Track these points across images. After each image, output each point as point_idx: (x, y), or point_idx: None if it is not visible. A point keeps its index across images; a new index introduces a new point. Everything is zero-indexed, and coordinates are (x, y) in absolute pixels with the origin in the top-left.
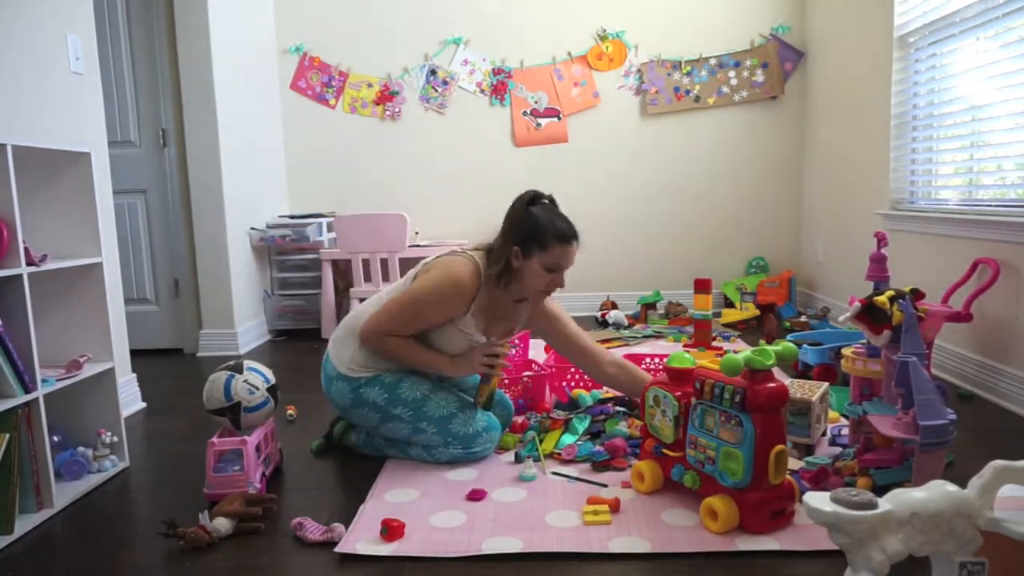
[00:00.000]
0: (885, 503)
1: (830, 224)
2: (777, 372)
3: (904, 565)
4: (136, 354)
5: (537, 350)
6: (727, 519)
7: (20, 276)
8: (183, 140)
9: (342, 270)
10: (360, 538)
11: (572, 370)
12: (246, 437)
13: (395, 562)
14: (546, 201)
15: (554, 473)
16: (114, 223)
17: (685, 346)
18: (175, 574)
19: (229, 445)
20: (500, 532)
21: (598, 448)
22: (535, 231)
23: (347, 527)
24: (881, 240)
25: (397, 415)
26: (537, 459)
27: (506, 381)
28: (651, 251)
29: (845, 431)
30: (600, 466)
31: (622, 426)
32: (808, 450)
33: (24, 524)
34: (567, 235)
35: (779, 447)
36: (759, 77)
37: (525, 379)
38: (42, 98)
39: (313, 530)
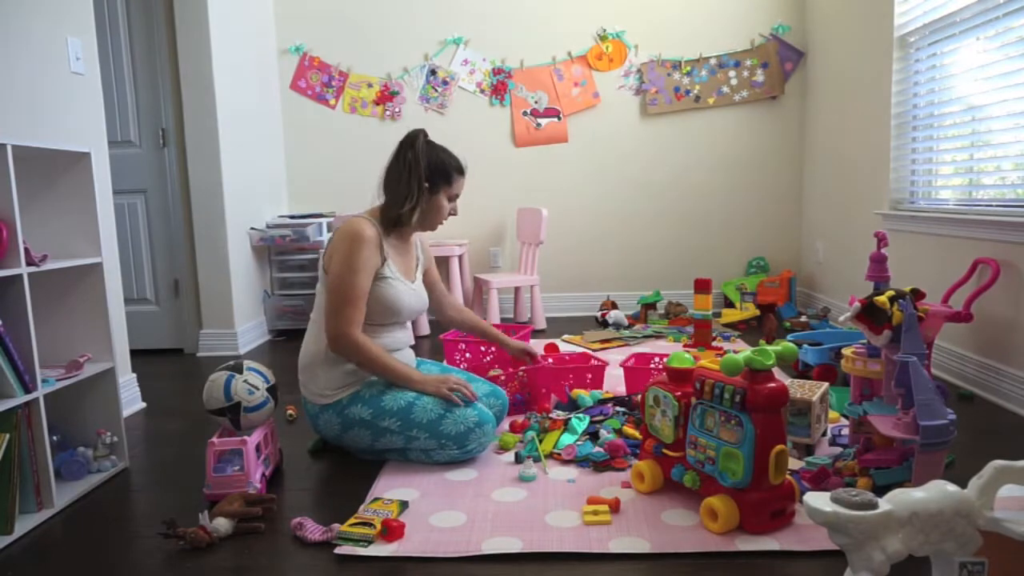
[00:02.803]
0: (885, 503)
1: (830, 224)
2: (777, 372)
3: (904, 565)
4: (136, 354)
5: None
6: (727, 519)
7: (20, 276)
8: (183, 140)
9: None
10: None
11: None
12: (246, 437)
13: (395, 562)
14: (427, 138)
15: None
16: (114, 223)
17: (685, 346)
18: (175, 574)
19: (229, 445)
20: (500, 532)
21: (598, 448)
22: (440, 167)
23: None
24: (881, 240)
25: (386, 427)
26: (537, 459)
27: (502, 377)
28: (651, 251)
29: (845, 431)
30: (600, 466)
31: (605, 433)
32: (808, 450)
33: (24, 524)
34: (463, 167)
35: (779, 447)
36: (759, 77)
37: (521, 374)
38: (42, 98)
39: (313, 530)
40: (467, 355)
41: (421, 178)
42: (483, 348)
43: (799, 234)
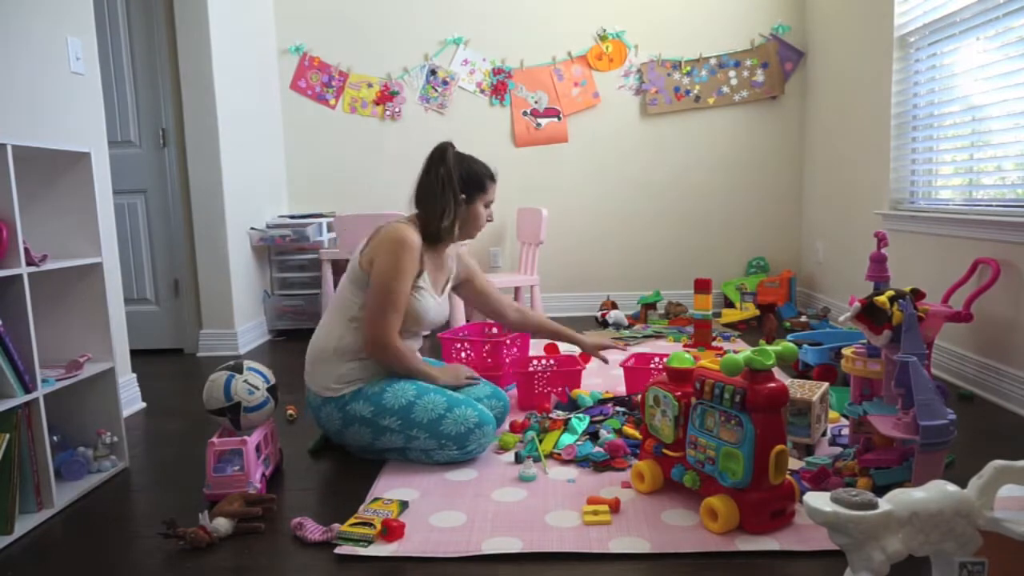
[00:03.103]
0: (885, 503)
1: (830, 224)
2: (777, 372)
3: (904, 565)
4: (136, 354)
5: (537, 349)
6: (727, 519)
7: (20, 276)
8: (183, 140)
9: (342, 270)
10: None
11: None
12: (246, 437)
13: (395, 562)
14: (455, 148)
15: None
16: (114, 223)
17: (685, 346)
18: (175, 574)
19: (229, 445)
20: (500, 532)
21: (598, 448)
22: (473, 177)
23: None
24: (881, 240)
25: (387, 426)
26: (537, 459)
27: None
28: (651, 251)
29: (845, 431)
30: (600, 466)
31: (605, 433)
32: (808, 450)
33: (24, 524)
34: (495, 174)
35: (779, 447)
36: (759, 77)
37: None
38: (42, 98)
39: (313, 530)
40: (471, 354)
41: (456, 191)
42: (485, 348)
43: (799, 234)
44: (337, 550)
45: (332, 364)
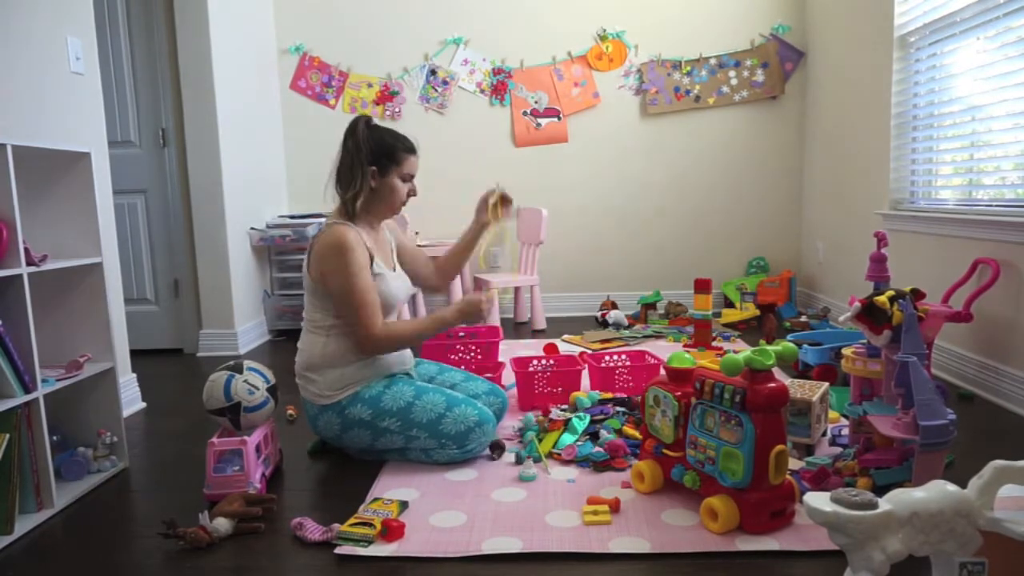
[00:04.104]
0: (885, 503)
1: (830, 224)
2: (777, 372)
3: (904, 565)
4: (136, 354)
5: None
6: (727, 519)
7: (20, 276)
8: (183, 140)
9: None
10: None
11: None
12: (246, 437)
13: (395, 562)
14: (372, 122)
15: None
16: (114, 223)
17: (685, 346)
18: (175, 574)
19: (229, 445)
20: (500, 532)
21: (598, 448)
22: (384, 148)
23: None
24: (881, 240)
25: (386, 427)
26: (537, 459)
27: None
28: (651, 251)
29: (845, 431)
30: (600, 466)
31: (605, 433)
32: (808, 450)
33: (24, 524)
34: (411, 146)
35: (779, 447)
36: (759, 77)
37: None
38: (42, 98)
39: (313, 530)
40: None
41: (364, 163)
42: (473, 348)
43: (799, 234)
44: (337, 550)
45: (323, 372)
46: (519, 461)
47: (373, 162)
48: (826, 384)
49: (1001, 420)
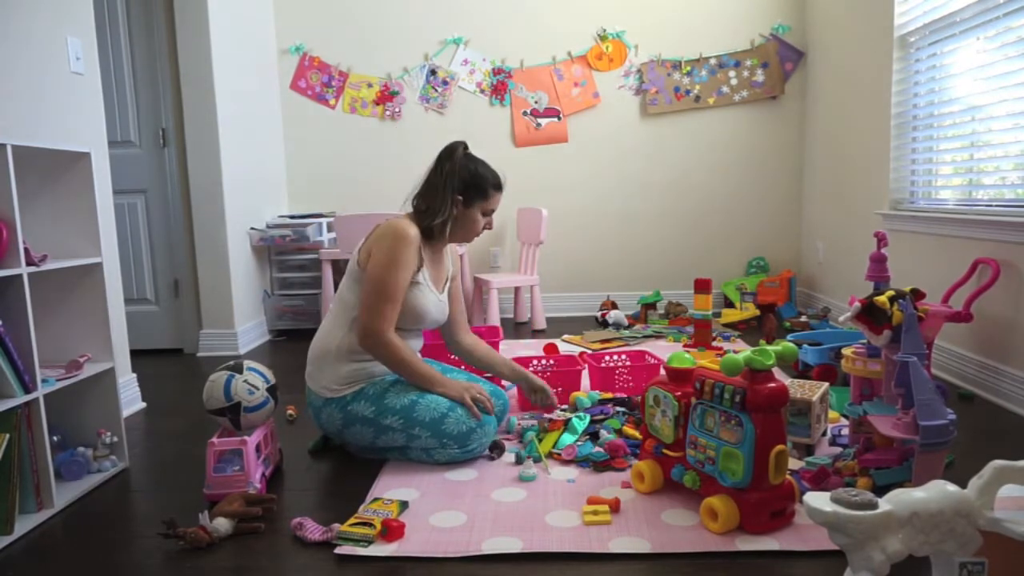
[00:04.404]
0: (885, 503)
1: (830, 224)
2: (777, 372)
3: (904, 565)
4: (136, 354)
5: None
6: (727, 519)
7: (20, 276)
8: (183, 140)
9: (342, 270)
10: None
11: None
12: (246, 437)
13: (395, 562)
14: (467, 150)
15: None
16: (114, 223)
17: (685, 346)
18: (175, 574)
19: (229, 445)
20: (500, 532)
21: (598, 448)
22: (476, 181)
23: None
24: (881, 240)
25: (388, 425)
26: (537, 459)
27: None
28: (651, 251)
29: (845, 431)
30: (600, 466)
31: (605, 433)
32: (808, 450)
33: (24, 524)
34: (501, 183)
35: (779, 447)
36: (759, 77)
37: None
38: (42, 98)
39: (313, 530)
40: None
41: (454, 190)
42: None
43: (799, 234)
44: (337, 550)
45: (334, 365)
46: (519, 461)
47: (462, 191)
48: (826, 384)
49: (1001, 420)
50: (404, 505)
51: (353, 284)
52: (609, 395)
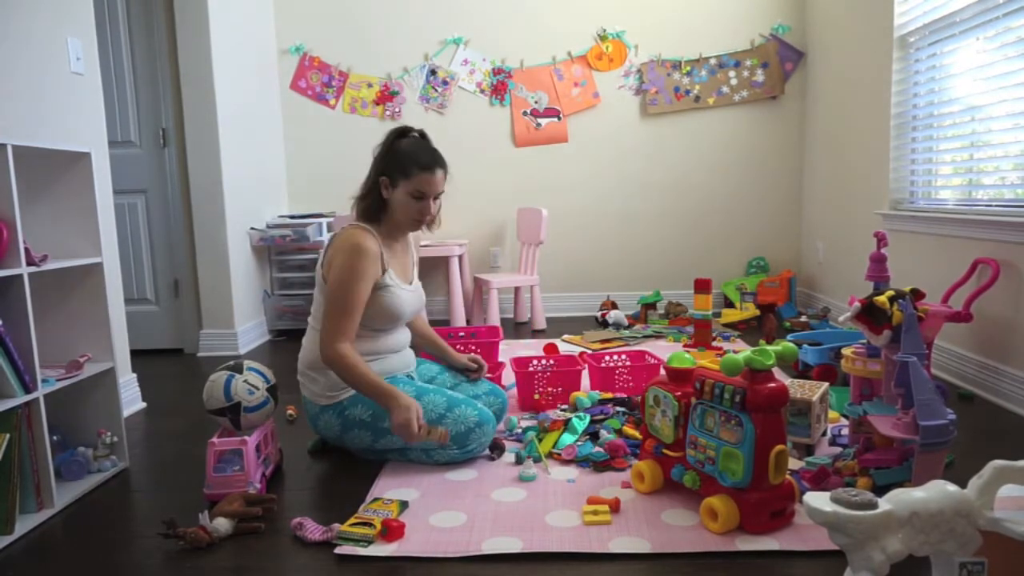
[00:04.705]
0: (885, 503)
1: (830, 224)
2: (777, 372)
3: (904, 565)
4: (136, 354)
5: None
6: (727, 519)
7: (20, 276)
8: (183, 140)
9: None
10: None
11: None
12: (246, 437)
13: (395, 562)
14: (416, 135)
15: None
16: (114, 223)
17: (685, 346)
18: (175, 574)
19: (229, 445)
20: (500, 532)
21: (598, 448)
22: (399, 161)
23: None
24: (881, 240)
25: (386, 428)
26: (537, 459)
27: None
28: (651, 251)
29: (845, 431)
30: (600, 466)
31: (605, 433)
32: (808, 450)
33: (24, 524)
34: (429, 163)
35: (779, 447)
36: (759, 77)
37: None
38: (42, 98)
39: (313, 530)
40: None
41: (379, 172)
42: (473, 348)
43: (799, 234)
44: (337, 550)
45: (325, 372)
46: (519, 461)
47: (384, 172)
48: (826, 384)
49: (1001, 420)
50: (404, 505)
51: (322, 296)
52: (609, 395)
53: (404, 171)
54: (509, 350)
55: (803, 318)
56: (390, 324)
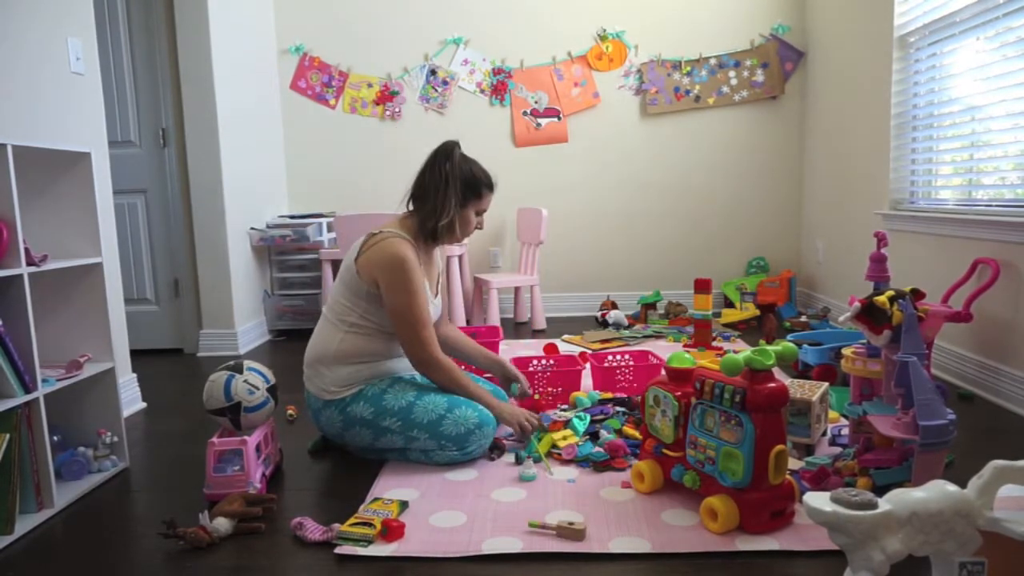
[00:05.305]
0: (885, 503)
1: (830, 224)
2: (777, 372)
3: (904, 565)
4: (136, 354)
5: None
6: (727, 519)
7: (20, 276)
8: (183, 140)
9: None
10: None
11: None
12: (246, 437)
13: (395, 562)
14: (461, 150)
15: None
16: (114, 223)
17: (685, 346)
18: (175, 574)
19: (229, 445)
20: (500, 532)
21: (598, 448)
22: (472, 181)
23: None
24: (881, 240)
25: (387, 427)
26: (537, 459)
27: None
28: (651, 251)
29: (845, 431)
30: (600, 466)
31: (605, 433)
32: (808, 450)
33: (24, 524)
34: (493, 184)
35: (779, 447)
36: (759, 77)
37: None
38: (42, 98)
39: (313, 530)
40: None
41: (457, 191)
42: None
43: (799, 234)
44: (337, 550)
45: (332, 368)
46: (519, 461)
47: (461, 191)
48: (826, 384)
49: (1001, 420)
50: (404, 505)
51: (350, 292)
52: (609, 395)
53: (477, 192)
54: (509, 350)
55: (803, 318)
56: None
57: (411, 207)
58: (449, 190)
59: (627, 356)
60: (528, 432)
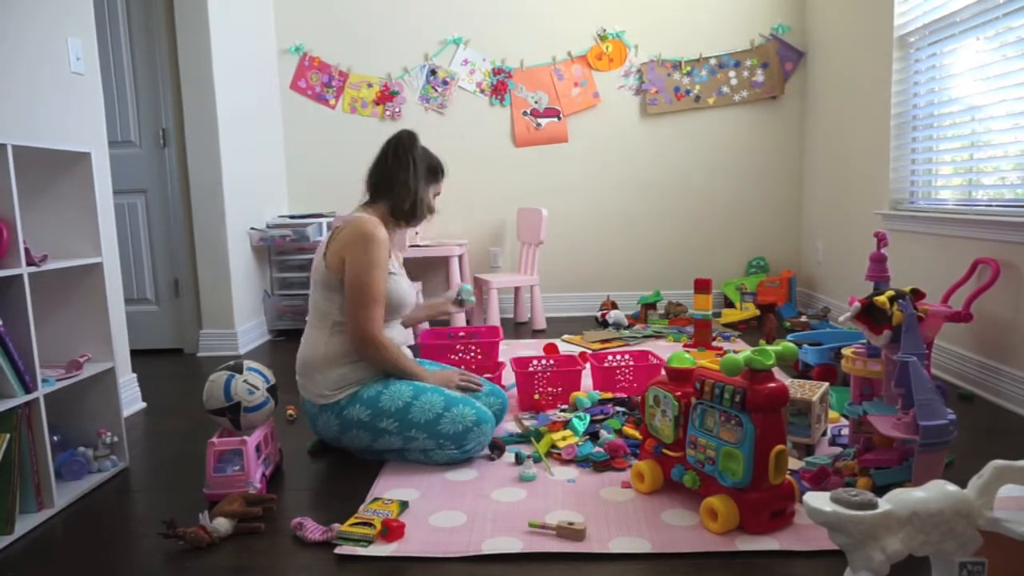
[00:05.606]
0: (885, 503)
1: (830, 224)
2: (777, 372)
3: (904, 565)
4: (136, 354)
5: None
6: (727, 519)
7: (20, 276)
8: (183, 140)
9: None
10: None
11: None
12: (246, 437)
13: (395, 562)
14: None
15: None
16: (114, 223)
17: (685, 346)
18: (175, 574)
19: (229, 445)
20: (500, 532)
21: (598, 448)
22: (433, 166)
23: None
24: (881, 240)
25: (384, 428)
26: (537, 459)
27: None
28: (651, 251)
29: (845, 431)
30: (600, 466)
31: (605, 433)
32: (808, 450)
33: (24, 524)
34: (443, 168)
35: (779, 447)
36: (759, 77)
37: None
38: (42, 98)
39: (313, 530)
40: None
41: (422, 178)
42: (473, 348)
43: (799, 234)
44: (337, 550)
45: (324, 371)
46: (519, 461)
47: (427, 179)
48: (826, 384)
49: (1001, 420)
50: (404, 505)
51: (326, 291)
52: (609, 395)
53: (436, 176)
54: (509, 350)
55: (803, 318)
56: (395, 314)
57: (377, 194)
58: (416, 175)
59: (627, 356)
60: (465, 391)
